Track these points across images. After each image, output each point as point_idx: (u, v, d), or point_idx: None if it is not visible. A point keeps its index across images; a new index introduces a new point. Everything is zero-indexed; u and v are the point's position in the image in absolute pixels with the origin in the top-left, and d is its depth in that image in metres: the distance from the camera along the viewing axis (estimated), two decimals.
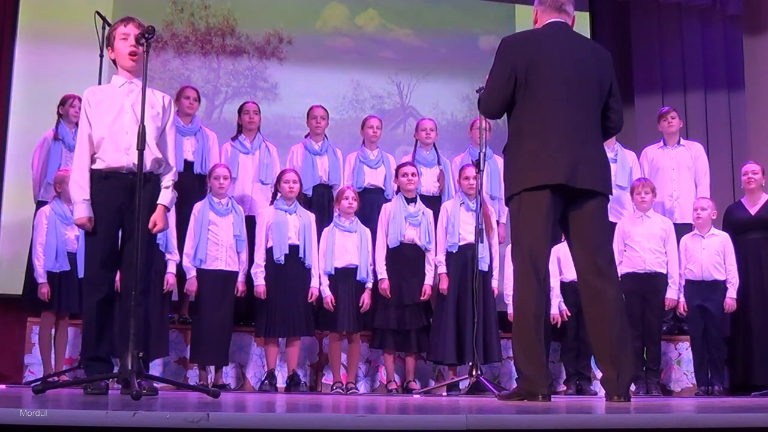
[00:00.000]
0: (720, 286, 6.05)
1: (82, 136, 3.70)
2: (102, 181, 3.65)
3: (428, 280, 5.73)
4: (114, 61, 3.80)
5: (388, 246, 5.75)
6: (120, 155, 3.62)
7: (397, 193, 5.94)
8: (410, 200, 5.82)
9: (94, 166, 3.67)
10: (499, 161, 6.39)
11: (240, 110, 6.31)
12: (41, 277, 5.30)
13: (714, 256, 6.06)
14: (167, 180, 3.74)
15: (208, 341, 5.43)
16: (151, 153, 3.64)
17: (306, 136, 6.39)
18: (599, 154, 3.59)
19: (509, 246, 5.94)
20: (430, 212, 5.86)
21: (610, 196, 3.61)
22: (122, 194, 3.59)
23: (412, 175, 5.83)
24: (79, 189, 3.66)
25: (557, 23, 3.67)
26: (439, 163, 6.39)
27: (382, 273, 5.69)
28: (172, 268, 5.42)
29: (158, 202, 3.69)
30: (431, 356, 5.69)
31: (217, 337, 5.45)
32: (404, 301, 5.66)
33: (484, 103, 3.70)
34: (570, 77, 3.53)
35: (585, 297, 3.53)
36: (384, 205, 5.92)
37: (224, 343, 5.49)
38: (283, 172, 5.81)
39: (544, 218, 3.47)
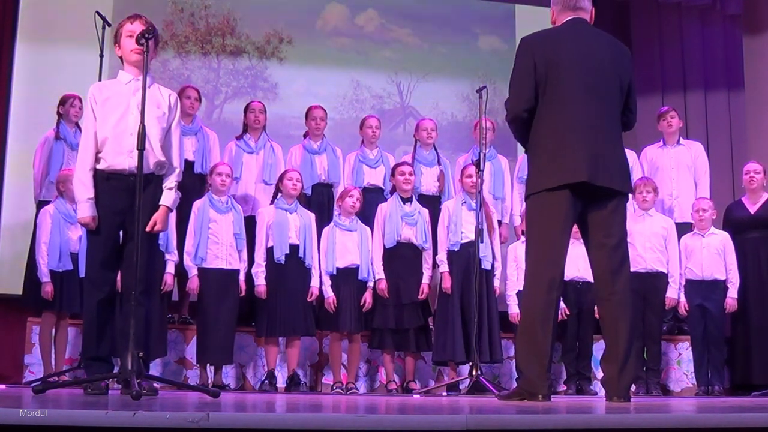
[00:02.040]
0: (720, 286, 6.06)
1: (87, 133, 3.68)
2: (104, 182, 3.64)
3: (426, 279, 5.73)
4: (121, 58, 3.79)
5: (384, 246, 5.75)
6: (123, 157, 3.60)
7: (392, 193, 5.94)
8: (406, 200, 5.82)
9: (97, 166, 3.65)
10: (503, 161, 6.41)
11: (246, 109, 6.31)
12: (45, 276, 5.30)
13: (714, 256, 6.06)
14: (170, 181, 3.73)
15: (213, 340, 5.42)
16: (155, 155, 3.63)
17: (305, 136, 6.40)
18: (619, 153, 3.58)
19: (510, 246, 6.01)
20: (426, 211, 5.85)
21: (630, 195, 3.62)
22: (124, 195, 3.57)
23: (409, 174, 5.83)
24: (83, 188, 3.65)
25: (576, 20, 3.66)
26: (439, 163, 6.39)
27: (380, 273, 5.70)
28: (170, 268, 5.42)
29: (161, 202, 3.68)
30: (438, 356, 5.65)
31: (222, 336, 5.44)
32: (402, 300, 5.66)
33: (511, 102, 3.59)
34: (589, 75, 3.52)
35: (599, 296, 3.55)
36: (380, 205, 5.91)
37: (229, 342, 5.49)
38: (285, 171, 5.82)
39: (562, 220, 3.46)
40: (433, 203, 6.09)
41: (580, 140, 3.45)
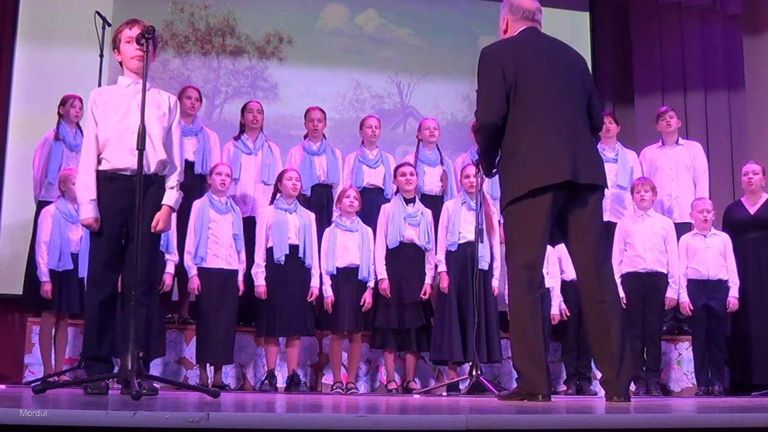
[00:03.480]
0: (723, 286, 6.06)
1: (89, 136, 3.72)
2: (107, 182, 3.66)
3: (428, 280, 5.74)
4: (120, 63, 3.82)
5: (387, 246, 5.75)
6: (126, 156, 3.62)
7: (395, 194, 5.94)
8: (409, 200, 5.82)
9: (100, 167, 3.68)
10: None
11: (243, 109, 6.31)
12: (44, 276, 5.30)
13: (717, 256, 6.07)
14: (172, 180, 3.76)
15: (213, 340, 5.42)
16: (157, 155, 3.66)
17: (305, 138, 6.40)
18: (593, 148, 3.65)
19: None
20: (428, 212, 5.86)
21: (606, 189, 3.65)
22: (127, 195, 3.58)
23: (411, 174, 5.84)
24: (86, 189, 3.67)
25: (531, 29, 3.72)
26: (442, 163, 6.40)
27: (382, 273, 5.70)
28: (170, 268, 5.43)
29: (163, 202, 3.71)
30: (436, 355, 5.65)
31: (221, 336, 5.44)
32: (404, 300, 5.67)
33: (483, 112, 3.58)
34: (555, 77, 3.57)
35: (585, 297, 3.54)
36: (383, 205, 5.92)
37: (229, 342, 5.49)
38: (284, 171, 5.82)
39: (543, 225, 3.47)
40: (436, 203, 6.10)
41: (558, 140, 3.47)
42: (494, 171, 3.74)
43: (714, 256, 6.06)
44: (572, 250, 3.61)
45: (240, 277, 5.58)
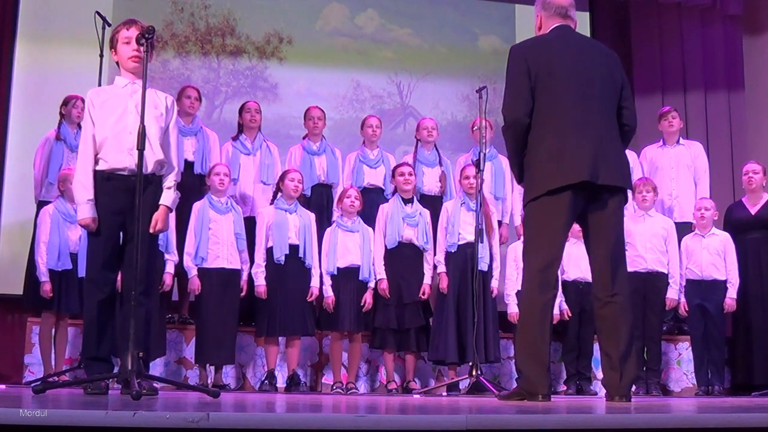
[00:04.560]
0: (720, 286, 6.06)
1: (86, 136, 3.71)
2: (105, 182, 3.66)
3: (427, 280, 5.74)
4: (117, 63, 3.82)
5: (386, 246, 5.75)
6: (123, 156, 3.62)
7: (394, 194, 5.94)
8: (407, 201, 5.82)
9: (97, 167, 3.67)
10: (504, 161, 6.39)
11: (241, 109, 6.30)
12: (44, 275, 5.30)
13: (714, 256, 6.06)
14: (169, 180, 3.75)
15: (213, 340, 5.43)
16: (154, 154, 3.65)
17: (304, 137, 6.40)
18: (617, 150, 3.61)
19: (510, 246, 6.00)
20: (427, 212, 5.86)
21: (630, 194, 3.64)
22: (125, 195, 3.58)
23: (409, 174, 5.84)
24: (83, 190, 3.67)
25: (564, 27, 3.69)
26: (440, 164, 6.39)
27: (381, 273, 5.70)
28: (170, 268, 5.43)
29: (160, 202, 3.70)
30: (433, 356, 5.68)
31: (222, 336, 5.44)
32: (403, 300, 5.67)
33: (510, 108, 3.56)
34: (583, 77, 3.55)
35: (597, 297, 3.55)
36: (381, 205, 5.92)
37: (230, 342, 5.50)
38: (286, 171, 5.82)
39: (562, 224, 3.47)
40: (435, 203, 6.09)
41: (579, 140, 3.47)
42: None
43: (710, 257, 6.06)
44: (589, 251, 3.61)
45: (243, 277, 5.58)
